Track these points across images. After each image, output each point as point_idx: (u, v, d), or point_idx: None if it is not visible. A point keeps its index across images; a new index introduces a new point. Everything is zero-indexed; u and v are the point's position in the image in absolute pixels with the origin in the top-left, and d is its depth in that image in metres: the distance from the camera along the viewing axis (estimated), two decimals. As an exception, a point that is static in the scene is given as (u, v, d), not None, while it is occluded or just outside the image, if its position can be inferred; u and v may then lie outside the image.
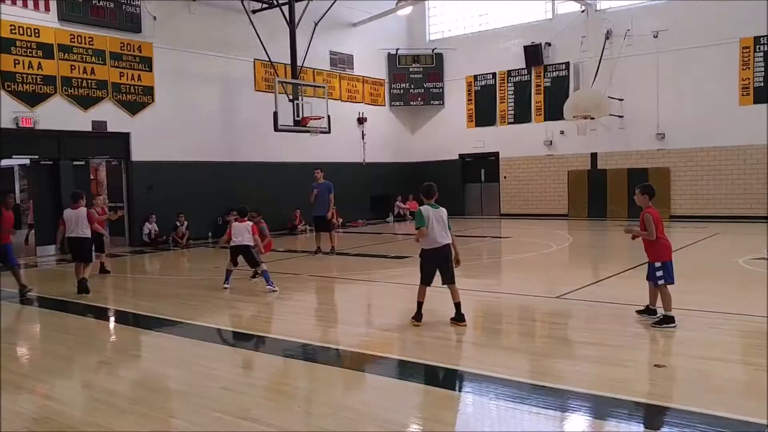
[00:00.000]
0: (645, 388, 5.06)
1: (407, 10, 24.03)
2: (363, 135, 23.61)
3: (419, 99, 25.40)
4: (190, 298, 9.52)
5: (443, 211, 7.21)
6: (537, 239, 16.17)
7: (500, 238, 17.70)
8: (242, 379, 5.54)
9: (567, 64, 22.33)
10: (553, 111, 22.28)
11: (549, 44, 22.60)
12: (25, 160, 15.85)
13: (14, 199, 10.44)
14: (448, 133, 25.05)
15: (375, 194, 23.97)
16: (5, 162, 15.58)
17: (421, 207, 7.16)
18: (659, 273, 6.85)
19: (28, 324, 8.74)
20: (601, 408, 4.63)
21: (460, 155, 25.04)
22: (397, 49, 25.10)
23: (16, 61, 14.72)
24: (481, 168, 24.77)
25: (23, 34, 14.81)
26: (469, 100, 24.73)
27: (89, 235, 10.20)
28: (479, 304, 8.57)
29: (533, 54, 22.77)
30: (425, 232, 7.02)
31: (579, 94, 21.01)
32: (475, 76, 24.46)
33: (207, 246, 17.17)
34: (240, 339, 7.06)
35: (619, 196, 20.94)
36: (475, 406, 4.84)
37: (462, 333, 6.82)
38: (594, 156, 22.09)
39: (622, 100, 20.98)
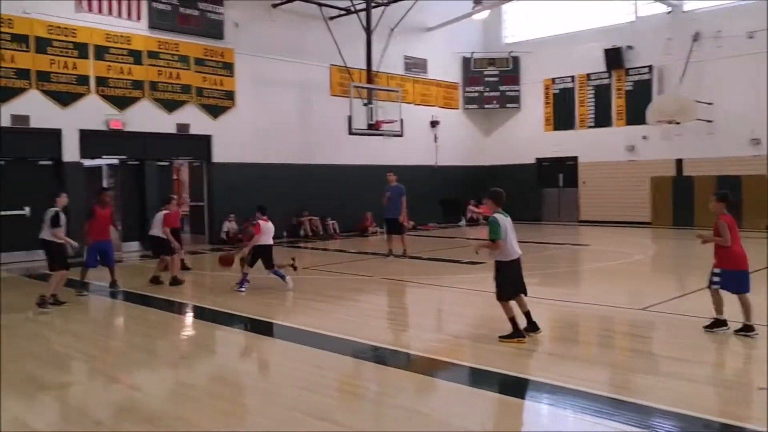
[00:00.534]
0: (746, 411, 4.72)
1: (483, 14, 23.81)
2: (435, 138, 23.53)
3: (494, 102, 25.11)
4: (266, 296, 9.73)
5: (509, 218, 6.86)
6: (618, 248, 15.65)
7: (579, 245, 17.22)
8: (316, 378, 5.60)
9: (650, 67, 21.52)
10: (635, 115, 21.52)
11: (631, 47, 21.87)
12: (114, 160, 16.68)
13: (111, 197, 10.84)
14: (525, 136, 24.63)
15: (447, 198, 23.83)
16: (96, 161, 16.39)
17: (495, 216, 6.65)
18: (716, 279, 6.72)
19: (115, 317, 9.17)
20: (689, 428, 4.39)
21: (537, 159, 24.56)
22: (472, 53, 24.91)
23: (109, 67, 15.49)
24: (559, 172, 24.19)
25: (116, 42, 15.58)
26: (547, 103, 24.25)
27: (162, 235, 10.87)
28: (557, 314, 8.35)
29: (614, 57, 22.10)
30: (501, 245, 6.59)
31: (663, 98, 20.18)
32: (554, 79, 23.95)
33: (282, 245, 17.52)
34: (313, 338, 7.15)
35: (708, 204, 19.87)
36: (551, 418, 4.71)
37: (538, 342, 6.65)
38: (679, 162, 21.18)
39: (711, 104, 20.00)
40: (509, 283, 6.66)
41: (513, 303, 6.68)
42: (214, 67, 17.52)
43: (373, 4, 19.13)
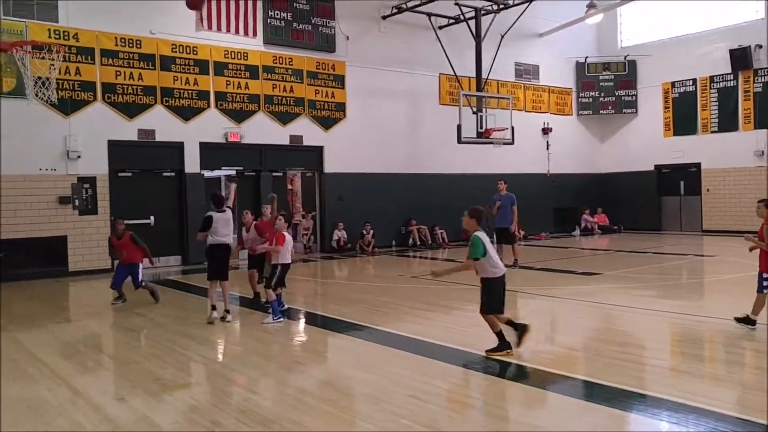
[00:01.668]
0: None
1: (597, 18, 22.91)
2: (548, 145, 22.85)
3: (610, 107, 24.06)
4: (376, 304, 9.75)
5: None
6: (746, 259, 14.35)
7: (703, 256, 16.07)
8: (427, 387, 5.47)
9: (784, 65, 19.85)
10: (765, 118, 19.90)
11: (760, 46, 20.25)
12: (231, 171, 17.48)
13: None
14: (642, 142, 23.40)
15: (560, 206, 23.06)
16: (215, 172, 17.25)
17: (477, 234, 6.50)
18: (766, 283, 7.15)
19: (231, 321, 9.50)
20: None
21: (655, 166, 23.25)
22: (586, 58, 24.02)
23: (227, 82, 16.27)
24: (680, 180, 22.76)
25: (234, 58, 16.35)
26: (666, 107, 22.91)
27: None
28: (679, 328, 7.77)
29: (741, 57, 20.53)
30: (483, 264, 6.51)
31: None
32: (673, 83, 22.61)
33: (390, 254, 17.62)
34: (424, 347, 7.03)
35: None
36: (683, 441, 4.33)
37: (658, 356, 6.17)
38: (818, 168, 19.33)
39: None
40: (495, 298, 6.59)
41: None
42: (326, 79, 17.97)
43: (482, 12, 18.92)
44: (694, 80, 22.02)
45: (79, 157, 14.06)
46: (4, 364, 6.60)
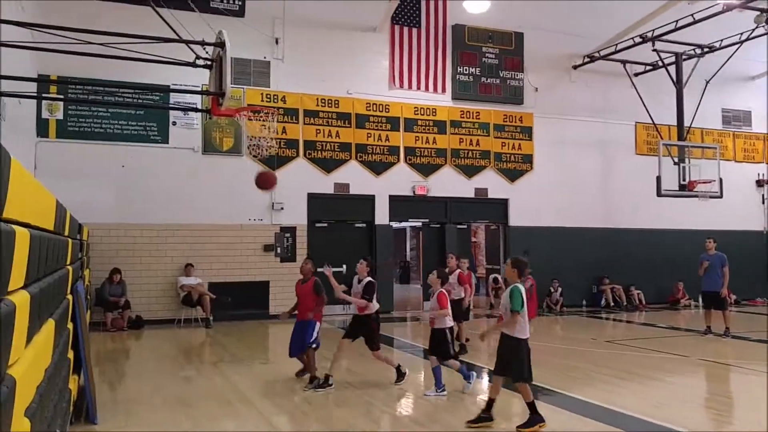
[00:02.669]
0: None
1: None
2: (764, 199, 20.48)
3: (840, 156, 21.07)
4: (567, 369, 9.20)
5: None
6: None
7: None
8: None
9: None
10: None
11: None
12: (417, 223, 17.86)
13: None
14: None
15: (780, 269, 20.40)
16: (402, 224, 17.75)
17: (518, 286, 6.12)
18: None
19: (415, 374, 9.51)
20: None
21: None
22: (811, 100, 21.40)
23: (417, 138, 16.81)
24: None
25: (423, 114, 16.89)
26: None
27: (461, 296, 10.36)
28: None
29: None
30: (520, 318, 6.09)
31: None
32: None
33: (581, 314, 16.69)
34: (620, 419, 6.44)
35: None
36: None
37: None
38: None
39: None
40: (527, 363, 6.12)
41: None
42: (513, 131, 17.85)
43: (684, 57, 17.73)
44: None
45: (282, 208, 15.26)
46: (219, 400, 7.17)
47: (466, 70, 17.36)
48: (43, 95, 12.66)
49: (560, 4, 17.32)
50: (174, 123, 14.58)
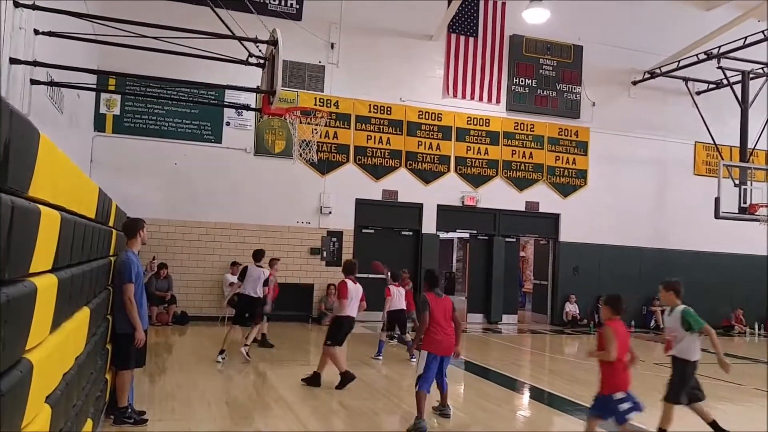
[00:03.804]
0: None
1: None
2: (831, 227, 19.44)
3: None
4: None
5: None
6: None
7: None
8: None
9: None
10: None
11: None
12: (465, 234, 17.64)
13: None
14: None
15: None
16: (449, 234, 17.56)
17: (688, 308, 6.38)
18: None
19: (456, 385, 9.33)
20: None
21: None
22: None
23: (468, 148, 16.63)
24: None
25: (476, 125, 16.71)
26: None
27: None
28: None
29: None
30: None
31: None
32: None
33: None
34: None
35: None
36: None
37: None
38: None
39: None
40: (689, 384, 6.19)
41: None
42: (568, 145, 17.49)
43: (751, 76, 17.04)
44: None
45: (330, 212, 15.31)
46: (254, 400, 7.18)
47: (522, 81, 17.12)
48: (101, 89, 12.90)
49: (622, 18, 16.94)
50: (228, 123, 14.82)
